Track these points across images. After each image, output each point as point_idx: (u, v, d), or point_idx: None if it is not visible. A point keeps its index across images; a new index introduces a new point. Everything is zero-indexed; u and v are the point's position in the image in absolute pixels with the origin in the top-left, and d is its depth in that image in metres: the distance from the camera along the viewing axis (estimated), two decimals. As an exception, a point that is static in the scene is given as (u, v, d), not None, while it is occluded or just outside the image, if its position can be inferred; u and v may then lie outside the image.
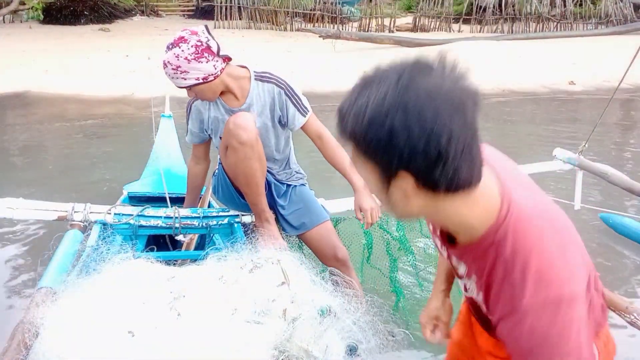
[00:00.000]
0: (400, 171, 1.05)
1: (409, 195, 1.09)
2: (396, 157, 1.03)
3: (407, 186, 1.07)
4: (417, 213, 1.16)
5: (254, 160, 2.61)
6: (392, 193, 1.11)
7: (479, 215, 1.15)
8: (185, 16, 23.07)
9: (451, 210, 1.13)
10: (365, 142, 1.05)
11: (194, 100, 2.81)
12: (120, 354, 1.73)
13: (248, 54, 12.60)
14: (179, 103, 7.72)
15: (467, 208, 1.13)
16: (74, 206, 2.66)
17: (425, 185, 1.06)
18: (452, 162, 1.02)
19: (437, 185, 1.05)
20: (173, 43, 2.56)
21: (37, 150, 7.23)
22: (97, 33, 17.44)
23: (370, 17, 21.75)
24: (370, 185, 1.15)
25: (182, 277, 2.08)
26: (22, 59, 12.22)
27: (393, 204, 1.14)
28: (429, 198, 1.09)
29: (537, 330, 1.09)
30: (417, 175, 1.05)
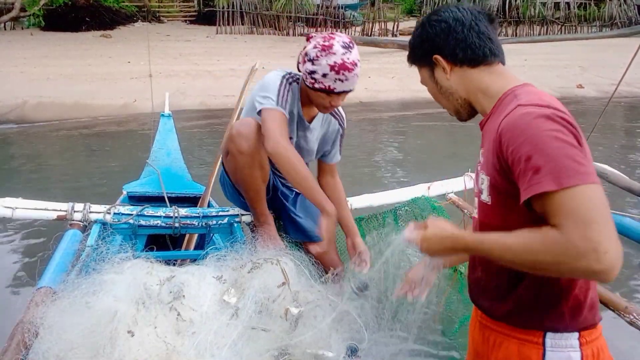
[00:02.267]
0: (433, 57, 1.58)
1: (446, 71, 1.57)
2: (430, 46, 1.58)
3: (442, 63, 1.57)
4: (455, 87, 1.60)
5: (255, 169, 2.60)
6: (438, 77, 1.62)
7: (501, 84, 1.53)
8: (187, 22, 23.12)
9: (478, 80, 1.56)
10: (414, 50, 1.67)
11: (289, 83, 2.61)
12: (120, 354, 1.72)
13: (251, 59, 12.62)
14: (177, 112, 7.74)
15: (489, 78, 1.55)
16: (73, 206, 2.67)
17: (452, 60, 1.56)
18: (464, 43, 1.54)
19: (459, 58, 1.55)
20: (350, 43, 2.45)
21: (37, 153, 7.26)
22: (98, 39, 17.50)
23: (372, 22, 21.80)
24: (428, 85, 1.67)
25: (182, 276, 2.07)
26: (23, 66, 12.27)
27: (441, 87, 1.63)
28: (460, 73, 1.57)
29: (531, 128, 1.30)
30: (446, 55, 1.56)
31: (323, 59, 2.40)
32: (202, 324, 1.89)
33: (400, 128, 9.91)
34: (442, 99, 1.66)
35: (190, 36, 18.97)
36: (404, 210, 3.22)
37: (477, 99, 1.58)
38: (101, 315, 1.81)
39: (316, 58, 2.42)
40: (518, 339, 1.48)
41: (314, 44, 2.45)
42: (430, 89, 1.68)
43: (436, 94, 1.67)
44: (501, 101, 1.49)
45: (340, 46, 2.40)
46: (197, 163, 6.70)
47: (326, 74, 2.41)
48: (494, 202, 1.47)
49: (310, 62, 2.44)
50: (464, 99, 1.61)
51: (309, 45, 2.48)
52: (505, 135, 1.34)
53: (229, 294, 2.02)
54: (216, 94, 10.92)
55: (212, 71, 13.06)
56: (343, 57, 2.40)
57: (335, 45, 2.40)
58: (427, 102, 11.76)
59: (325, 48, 2.40)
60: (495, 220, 1.48)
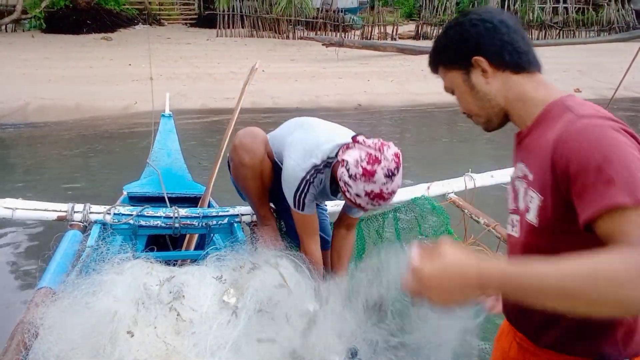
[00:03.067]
0: (474, 58, 1.43)
1: (487, 75, 1.44)
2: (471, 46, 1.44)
3: (483, 66, 1.43)
4: (494, 94, 1.46)
5: (256, 180, 2.60)
6: (474, 82, 1.47)
7: (543, 94, 1.42)
8: (187, 25, 23.15)
9: (520, 88, 1.44)
10: (446, 51, 1.50)
11: (313, 179, 2.45)
12: (120, 355, 1.72)
13: (251, 62, 12.64)
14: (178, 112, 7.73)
15: (531, 86, 1.44)
16: (73, 206, 2.67)
17: (496, 63, 1.43)
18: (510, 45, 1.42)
19: (506, 62, 1.43)
20: (395, 170, 2.23)
21: (39, 154, 7.28)
22: (99, 42, 17.53)
23: (372, 25, 21.84)
24: (458, 89, 1.51)
25: (182, 277, 2.07)
26: (25, 68, 12.29)
27: (477, 91, 1.48)
28: (502, 78, 1.44)
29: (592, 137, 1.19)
30: (489, 57, 1.43)
31: (360, 183, 2.21)
32: (201, 324, 1.89)
33: (399, 129, 9.94)
34: (474, 105, 1.51)
35: (190, 39, 19.00)
36: (404, 210, 3.22)
37: (517, 108, 1.46)
38: (101, 315, 1.80)
39: (354, 178, 2.22)
40: None
41: (357, 159, 2.22)
42: (461, 94, 1.52)
43: (468, 100, 1.52)
44: (547, 113, 1.38)
45: (383, 175, 2.19)
46: (196, 162, 6.72)
47: (360, 195, 2.24)
48: (542, 224, 1.32)
49: (347, 174, 2.24)
50: (501, 108, 1.48)
51: (353, 153, 2.26)
52: (567, 149, 1.20)
53: (228, 294, 2.02)
54: (217, 97, 10.95)
55: (213, 74, 13.09)
56: (382, 187, 2.21)
57: (377, 173, 2.18)
58: (425, 104, 11.83)
59: (367, 174, 2.19)
60: (543, 243, 1.33)
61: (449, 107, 11.74)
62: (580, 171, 1.16)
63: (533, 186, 1.34)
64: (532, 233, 1.35)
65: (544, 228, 1.32)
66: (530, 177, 1.37)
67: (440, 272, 1.13)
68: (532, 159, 1.37)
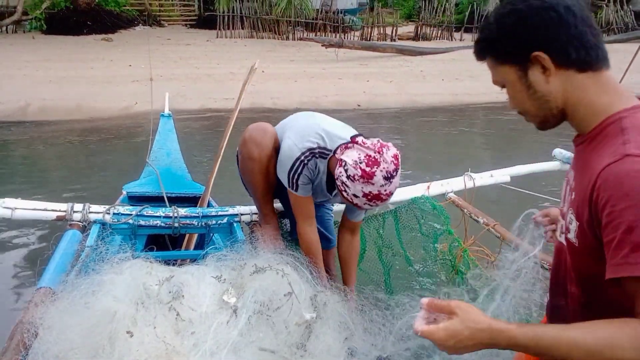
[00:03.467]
0: (534, 54, 1.26)
1: (549, 73, 1.28)
2: (534, 40, 1.26)
3: (545, 63, 1.26)
4: (554, 95, 1.30)
5: (263, 175, 2.61)
6: (532, 80, 1.30)
7: (606, 101, 1.27)
8: (187, 26, 23.14)
9: (582, 90, 1.28)
10: (501, 42, 1.31)
11: (308, 160, 2.46)
12: (119, 355, 1.72)
13: (251, 63, 12.63)
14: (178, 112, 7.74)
15: (595, 89, 1.28)
16: (73, 206, 2.66)
17: (559, 60, 1.26)
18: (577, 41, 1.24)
19: (571, 59, 1.26)
20: (393, 172, 2.24)
21: (40, 154, 7.28)
22: (99, 43, 17.52)
23: (372, 26, 21.85)
24: (512, 86, 1.35)
25: (181, 276, 2.07)
26: (25, 69, 12.29)
27: (534, 91, 1.31)
28: (564, 77, 1.28)
29: None
30: (553, 53, 1.26)
31: (359, 185, 2.22)
32: (201, 324, 1.88)
33: (398, 130, 9.95)
34: (530, 104, 1.35)
35: (190, 40, 19.00)
36: (404, 210, 3.22)
37: (577, 111, 1.31)
38: (100, 315, 1.79)
39: (352, 179, 2.22)
40: None
41: (356, 161, 2.22)
42: (515, 92, 1.36)
43: (522, 99, 1.36)
44: (604, 127, 1.26)
45: (382, 177, 2.19)
46: (195, 162, 6.73)
47: (357, 196, 2.26)
48: (581, 246, 1.29)
49: (346, 176, 2.24)
50: (560, 110, 1.32)
51: (351, 153, 2.26)
52: (605, 191, 1.15)
53: (228, 293, 2.01)
54: (216, 97, 10.97)
55: (212, 75, 13.09)
56: (380, 189, 2.22)
57: (376, 175, 2.19)
58: (424, 105, 11.84)
59: (365, 176, 2.19)
60: (579, 264, 1.33)
61: (448, 108, 11.77)
62: (610, 224, 1.14)
63: (573, 206, 1.31)
64: (574, 252, 1.34)
65: (582, 251, 1.30)
66: (573, 194, 1.32)
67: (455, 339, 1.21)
68: (578, 176, 1.32)
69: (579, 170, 1.33)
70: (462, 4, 24.94)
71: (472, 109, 12.00)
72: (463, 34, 23.17)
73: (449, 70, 15.07)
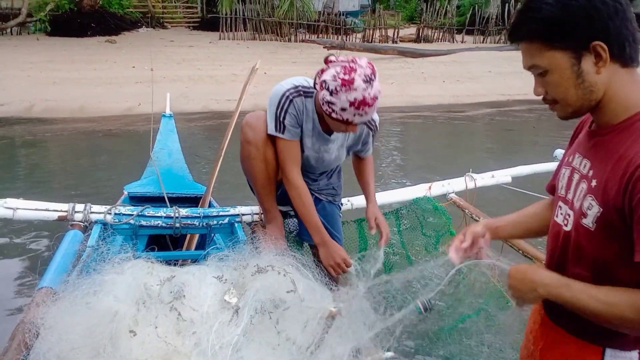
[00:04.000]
0: (594, 43, 1.25)
1: (602, 64, 1.27)
2: (595, 30, 1.25)
3: (603, 54, 1.26)
4: (599, 87, 1.31)
5: (259, 161, 2.61)
6: (584, 69, 1.29)
7: (638, 97, 1.31)
8: (190, 28, 23.17)
9: (622, 84, 1.30)
10: (560, 25, 1.27)
11: (293, 97, 2.55)
12: (121, 354, 1.72)
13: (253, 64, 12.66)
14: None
15: (631, 84, 1.31)
16: (74, 206, 2.66)
17: (615, 53, 1.26)
18: (629, 35, 1.26)
19: (624, 54, 1.28)
20: (371, 75, 2.33)
21: (42, 156, 7.30)
22: (103, 45, 17.56)
23: (373, 28, 21.87)
24: (559, 73, 1.31)
25: (182, 276, 2.07)
26: (30, 70, 12.35)
27: (583, 80, 1.30)
28: (611, 70, 1.29)
29: None
30: (611, 44, 1.25)
31: (343, 95, 2.28)
32: (202, 324, 1.89)
33: (400, 130, 9.95)
34: (573, 93, 1.33)
35: (193, 42, 19.02)
36: (405, 210, 3.22)
37: (610, 104, 1.33)
38: (102, 315, 1.80)
39: (335, 92, 2.29)
40: (578, 345, 1.49)
41: (334, 74, 2.30)
42: (560, 79, 1.33)
43: (566, 87, 1.33)
44: (634, 122, 1.30)
45: (361, 80, 2.27)
46: (196, 161, 6.79)
47: (345, 108, 2.31)
48: (598, 230, 1.34)
49: (329, 93, 2.32)
50: (598, 101, 1.33)
51: (328, 72, 2.34)
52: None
53: (230, 293, 2.01)
54: (218, 99, 11.00)
55: (215, 76, 13.12)
56: (364, 92, 2.28)
57: (356, 80, 2.26)
58: (425, 106, 11.84)
59: (346, 83, 2.26)
60: (592, 247, 1.38)
61: (449, 110, 11.76)
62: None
63: (594, 194, 1.33)
64: (586, 237, 1.38)
65: (597, 235, 1.34)
66: (593, 182, 1.35)
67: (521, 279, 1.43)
68: (600, 165, 1.34)
69: (597, 160, 1.36)
70: (464, 6, 24.93)
71: (473, 110, 12.00)
72: (465, 36, 23.15)
73: (450, 72, 15.07)
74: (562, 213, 1.49)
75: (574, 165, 1.46)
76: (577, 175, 1.43)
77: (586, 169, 1.39)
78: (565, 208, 1.47)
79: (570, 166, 1.48)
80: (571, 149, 1.55)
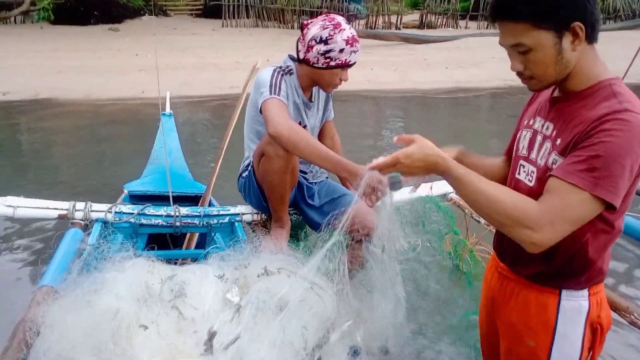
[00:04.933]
0: (574, 24, 1.40)
1: (578, 43, 1.43)
2: (577, 12, 1.40)
3: (580, 33, 1.42)
4: (573, 62, 1.47)
5: (286, 174, 2.60)
6: (563, 47, 1.44)
7: (599, 69, 1.50)
8: (193, 15, 23.08)
9: (587, 59, 1.48)
10: (548, 4, 1.40)
11: (282, 74, 2.67)
12: (121, 353, 1.74)
13: (256, 52, 12.63)
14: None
15: (593, 59, 1.50)
16: (74, 205, 2.66)
17: (588, 32, 1.43)
18: (596, 16, 1.43)
19: (593, 33, 1.45)
20: (347, 20, 2.64)
21: (44, 149, 7.31)
22: (107, 33, 17.52)
23: (376, 14, 21.73)
24: (543, 51, 1.45)
25: (183, 275, 2.08)
26: (34, 59, 12.36)
27: (562, 57, 1.45)
28: (582, 47, 1.45)
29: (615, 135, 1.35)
30: (587, 24, 1.42)
31: (337, 36, 2.55)
32: (203, 323, 1.89)
33: (401, 115, 9.94)
34: (552, 69, 1.49)
35: (196, 29, 18.95)
36: (406, 210, 3.20)
37: (577, 76, 1.50)
38: (102, 313, 1.80)
39: (330, 37, 2.55)
40: (537, 290, 1.65)
41: (322, 26, 2.56)
42: (543, 57, 1.47)
43: (546, 64, 1.48)
44: (595, 90, 1.48)
45: (344, 22, 2.59)
46: (197, 149, 6.87)
47: (343, 48, 2.56)
48: None
49: (323, 43, 2.56)
50: (568, 74, 1.50)
51: (313, 29, 2.58)
52: (598, 129, 1.37)
53: (232, 292, 2.02)
54: (221, 86, 10.99)
55: (218, 64, 13.08)
56: (350, 30, 2.59)
57: (341, 22, 2.58)
58: (427, 92, 11.81)
59: (336, 26, 2.55)
60: None
61: (452, 96, 11.72)
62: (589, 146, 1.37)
63: (558, 150, 1.50)
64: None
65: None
66: (557, 141, 1.51)
67: (414, 148, 1.54)
68: (564, 126, 1.51)
69: (561, 123, 1.53)
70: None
71: (475, 96, 11.97)
72: (468, 22, 22.97)
73: (453, 58, 14.96)
74: (525, 171, 1.65)
75: (536, 127, 1.64)
76: (540, 137, 1.60)
77: (549, 130, 1.57)
78: (529, 166, 1.64)
79: (532, 129, 1.66)
80: (528, 113, 1.74)
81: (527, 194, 1.54)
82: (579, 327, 1.60)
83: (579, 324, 1.60)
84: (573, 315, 1.61)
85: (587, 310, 1.60)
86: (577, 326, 1.60)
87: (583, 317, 1.60)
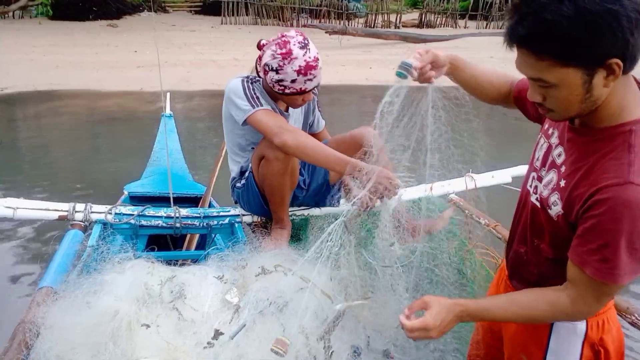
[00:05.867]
0: (612, 60, 1.16)
1: (612, 79, 1.20)
2: (615, 47, 1.15)
3: (617, 70, 1.17)
4: (602, 98, 1.25)
5: (286, 176, 2.59)
6: (594, 86, 1.21)
7: (628, 103, 1.27)
8: (192, 12, 23.06)
9: (617, 91, 1.25)
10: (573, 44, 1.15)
11: (251, 82, 2.59)
12: (121, 354, 1.74)
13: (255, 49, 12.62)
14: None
15: (622, 93, 1.26)
16: (74, 206, 2.65)
17: (627, 67, 1.19)
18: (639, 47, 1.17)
19: (632, 66, 1.21)
20: (304, 40, 2.46)
21: (42, 147, 7.29)
22: (105, 29, 17.51)
23: (376, 13, 21.73)
24: (569, 89, 1.22)
25: (183, 276, 2.08)
26: (32, 54, 12.37)
27: (590, 95, 1.23)
28: (618, 80, 1.21)
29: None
30: (627, 59, 1.17)
31: (287, 67, 2.41)
32: (203, 324, 1.90)
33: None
34: (575, 106, 1.28)
35: (195, 26, 18.95)
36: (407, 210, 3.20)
37: (600, 112, 1.29)
38: (102, 315, 1.81)
39: (280, 67, 2.42)
40: None
41: (271, 54, 2.43)
42: (570, 95, 1.25)
43: (574, 102, 1.26)
44: (613, 134, 1.28)
45: (298, 48, 2.41)
46: (197, 147, 6.83)
47: (295, 79, 2.43)
48: (561, 223, 1.43)
49: (274, 72, 2.44)
50: (596, 108, 1.28)
51: (266, 54, 2.46)
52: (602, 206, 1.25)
53: (231, 293, 2.02)
54: (220, 83, 10.95)
55: (217, 60, 13.10)
56: (305, 57, 2.41)
57: (293, 49, 2.40)
58: (423, 89, 11.78)
59: (285, 56, 2.40)
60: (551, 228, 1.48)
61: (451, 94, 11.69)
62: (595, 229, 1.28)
63: (561, 194, 1.40)
64: (551, 223, 1.46)
65: (561, 224, 1.42)
66: (562, 182, 1.40)
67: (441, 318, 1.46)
68: (571, 167, 1.38)
69: (572, 159, 1.38)
70: (467, -9, 24.71)
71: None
72: (468, 22, 22.97)
73: (453, 57, 14.97)
74: (533, 185, 1.56)
75: (552, 142, 1.50)
76: (551, 159, 1.48)
77: (560, 160, 1.44)
78: (537, 183, 1.54)
79: (548, 142, 1.52)
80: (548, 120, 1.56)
81: (532, 210, 1.55)
82: (574, 347, 1.56)
83: (575, 344, 1.56)
84: (568, 336, 1.57)
85: (584, 332, 1.54)
86: (573, 346, 1.57)
87: (579, 338, 1.55)
